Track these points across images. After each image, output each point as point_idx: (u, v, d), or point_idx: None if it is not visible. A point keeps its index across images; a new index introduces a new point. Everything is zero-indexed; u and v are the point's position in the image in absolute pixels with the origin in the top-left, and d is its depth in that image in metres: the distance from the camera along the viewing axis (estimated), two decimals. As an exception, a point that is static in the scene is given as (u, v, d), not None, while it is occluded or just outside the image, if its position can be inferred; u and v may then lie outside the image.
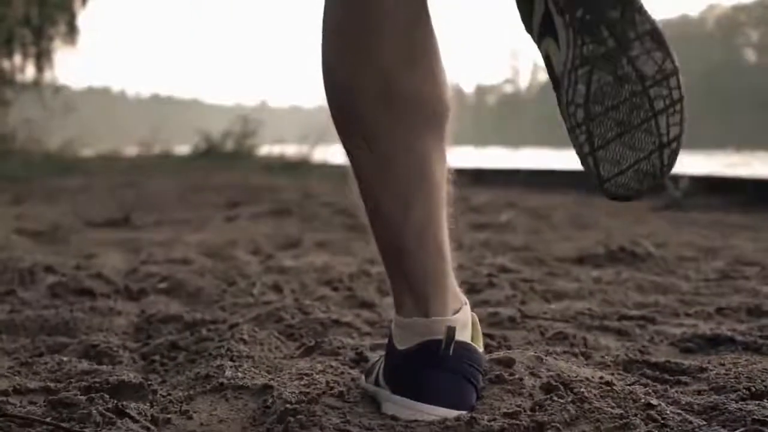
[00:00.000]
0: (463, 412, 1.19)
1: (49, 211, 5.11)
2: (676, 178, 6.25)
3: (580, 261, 2.85)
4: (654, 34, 1.16)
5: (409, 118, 1.23)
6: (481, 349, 1.28)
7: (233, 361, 1.45)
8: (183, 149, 15.34)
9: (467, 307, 1.28)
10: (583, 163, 1.18)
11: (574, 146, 1.18)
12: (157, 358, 1.56)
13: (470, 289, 2.21)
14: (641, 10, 1.16)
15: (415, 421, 1.17)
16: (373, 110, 1.23)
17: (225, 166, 11.25)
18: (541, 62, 1.26)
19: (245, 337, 1.59)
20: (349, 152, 1.28)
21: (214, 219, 4.80)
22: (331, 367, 1.43)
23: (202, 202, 5.93)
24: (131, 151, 15.79)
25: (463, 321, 1.25)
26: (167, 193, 7.11)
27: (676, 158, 1.17)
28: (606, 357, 1.57)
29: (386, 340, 1.31)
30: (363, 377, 1.37)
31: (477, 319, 1.30)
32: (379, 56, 1.22)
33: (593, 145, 1.17)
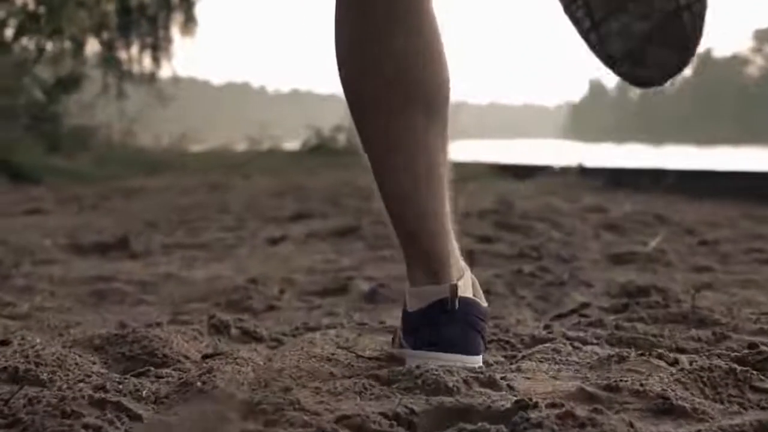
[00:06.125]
0: (475, 357, 1.34)
1: (53, 225, 3.99)
2: None
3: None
4: None
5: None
6: (483, 304, 1.40)
7: None
8: (296, 145, 14.40)
9: (468, 273, 1.41)
10: (587, 44, 1.09)
11: (574, 27, 1.10)
12: None
13: None
14: None
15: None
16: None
17: (332, 164, 10.03)
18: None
19: None
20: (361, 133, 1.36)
21: (253, 240, 3.57)
22: None
23: (262, 213, 4.71)
24: (241, 146, 14.93)
25: (465, 284, 1.38)
26: (237, 198, 5.94)
27: (701, 23, 1.01)
28: None
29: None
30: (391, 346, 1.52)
31: (476, 281, 1.44)
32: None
33: (593, 18, 1.06)
